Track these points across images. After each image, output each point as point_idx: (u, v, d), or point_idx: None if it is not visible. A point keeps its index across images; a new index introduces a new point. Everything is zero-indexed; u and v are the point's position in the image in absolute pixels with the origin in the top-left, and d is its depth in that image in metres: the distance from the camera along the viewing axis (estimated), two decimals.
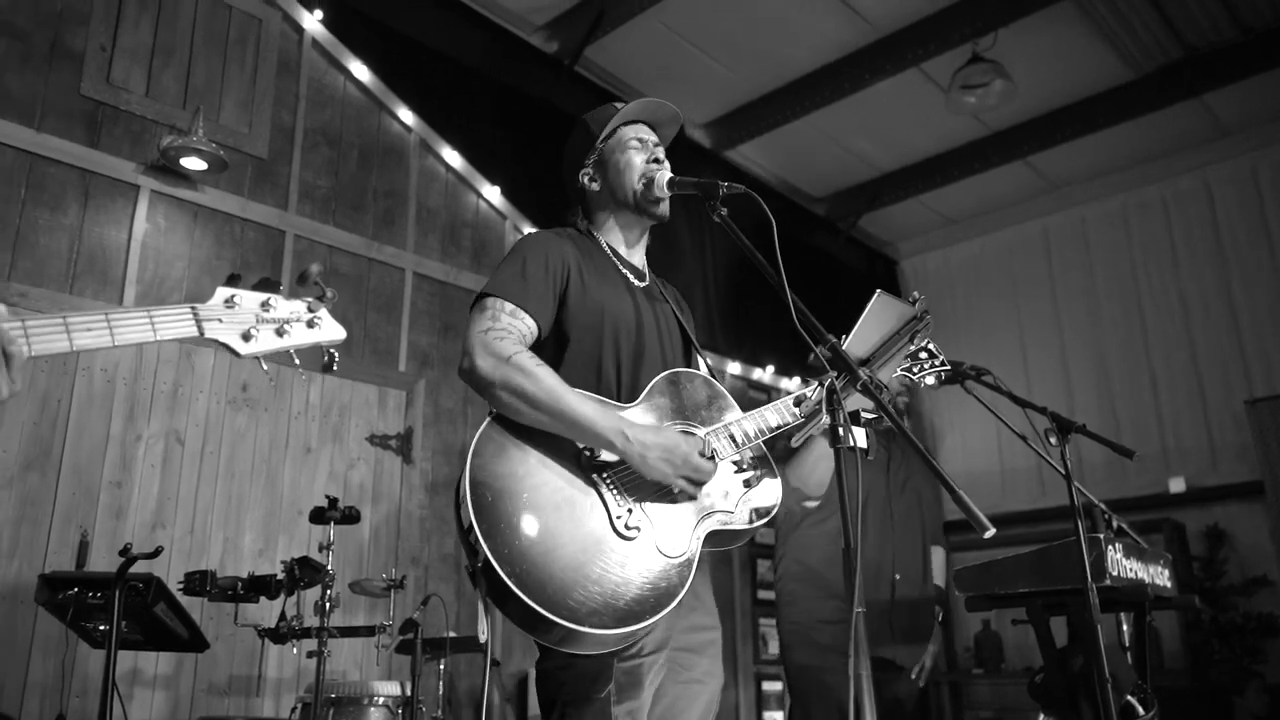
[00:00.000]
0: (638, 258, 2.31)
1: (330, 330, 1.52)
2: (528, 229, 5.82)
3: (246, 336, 1.43)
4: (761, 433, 2.06)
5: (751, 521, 2.00)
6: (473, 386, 1.92)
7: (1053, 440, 2.85)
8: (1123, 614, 3.27)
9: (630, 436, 1.85)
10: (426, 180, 5.54)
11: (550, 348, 2.07)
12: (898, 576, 3.51)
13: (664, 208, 2.22)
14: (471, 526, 1.72)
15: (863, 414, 1.98)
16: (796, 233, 7.87)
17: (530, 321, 2.01)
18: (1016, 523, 6.83)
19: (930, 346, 2.50)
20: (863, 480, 3.24)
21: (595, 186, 2.26)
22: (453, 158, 5.63)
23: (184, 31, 4.67)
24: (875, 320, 2.16)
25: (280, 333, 1.47)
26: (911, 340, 2.18)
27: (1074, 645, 2.92)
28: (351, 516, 3.55)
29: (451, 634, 3.75)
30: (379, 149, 5.35)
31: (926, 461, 1.67)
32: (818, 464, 2.97)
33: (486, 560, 1.69)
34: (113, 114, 4.34)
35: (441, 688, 3.89)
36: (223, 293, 1.43)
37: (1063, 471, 2.78)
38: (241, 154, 4.70)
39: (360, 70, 5.31)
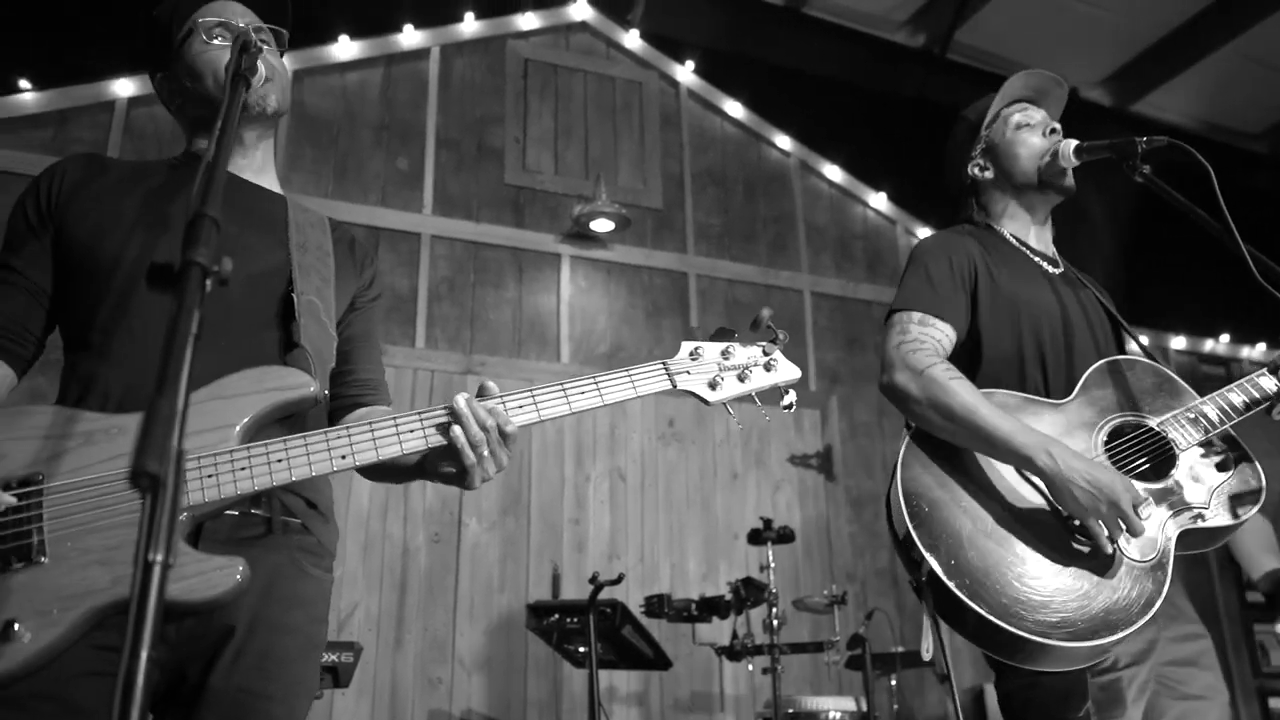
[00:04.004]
0: (1045, 244, 2.14)
1: (785, 371, 1.59)
2: (920, 230, 5.67)
3: (713, 385, 1.54)
4: (1225, 415, 1.82)
5: (1233, 516, 1.75)
6: (892, 401, 1.88)
7: None
8: None
9: (1055, 455, 1.68)
10: (811, 200, 5.61)
11: (966, 352, 1.96)
12: None
13: (1069, 179, 2.05)
14: (910, 538, 1.67)
15: None
16: (1231, 179, 6.82)
17: (943, 326, 1.91)
18: None
19: None
20: None
21: (988, 175, 2.13)
22: (833, 173, 5.65)
23: (578, 112, 5.20)
24: None
25: (742, 378, 1.56)
26: None
27: None
28: (786, 536, 3.64)
29: (899, 649, 3.69)
30: (762, 178, 5.53)
31: None
32: None
33: (933, 573, 1.62)
34: (531, 195, 4.94)
35: (895, 704, 3.83)
36: (686, 346, 1.55)
37: None
38: (640, 209, 5.11)
39: (734, 108, 5.54)
